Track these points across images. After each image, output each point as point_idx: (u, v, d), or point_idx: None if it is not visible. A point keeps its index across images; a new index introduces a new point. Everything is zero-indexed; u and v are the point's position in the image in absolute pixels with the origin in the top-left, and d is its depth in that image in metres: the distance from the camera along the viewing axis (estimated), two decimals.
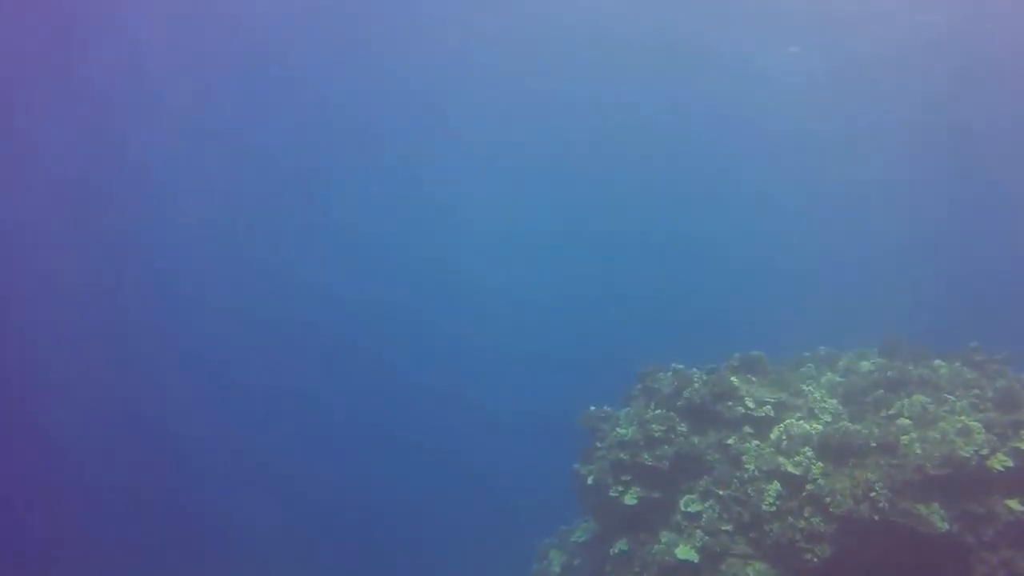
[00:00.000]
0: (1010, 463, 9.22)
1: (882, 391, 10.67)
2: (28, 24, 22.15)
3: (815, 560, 9.10)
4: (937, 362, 11.22)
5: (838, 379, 11.57)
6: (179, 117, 29.04)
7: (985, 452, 9.24)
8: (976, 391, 10.53)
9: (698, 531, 10.24)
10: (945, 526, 8.80)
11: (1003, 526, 9.16)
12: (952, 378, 10.82)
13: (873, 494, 9.00)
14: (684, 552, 10.08)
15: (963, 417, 9.78)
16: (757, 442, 10.55)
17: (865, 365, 11.66)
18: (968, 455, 9.18)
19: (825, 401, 10.96)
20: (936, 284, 28.07)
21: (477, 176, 34.99)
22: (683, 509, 10.56)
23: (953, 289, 28.04)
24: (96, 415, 26.07)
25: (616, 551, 10.98)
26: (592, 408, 12.49)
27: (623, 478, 11.20)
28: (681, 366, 12.04)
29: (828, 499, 9.26)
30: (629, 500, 10.96)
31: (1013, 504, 9.24)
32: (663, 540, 10.46)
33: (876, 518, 8.93)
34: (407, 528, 21.57)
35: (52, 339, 28.22)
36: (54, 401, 26.03)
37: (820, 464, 9.77)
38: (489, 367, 28.91)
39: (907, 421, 9.93)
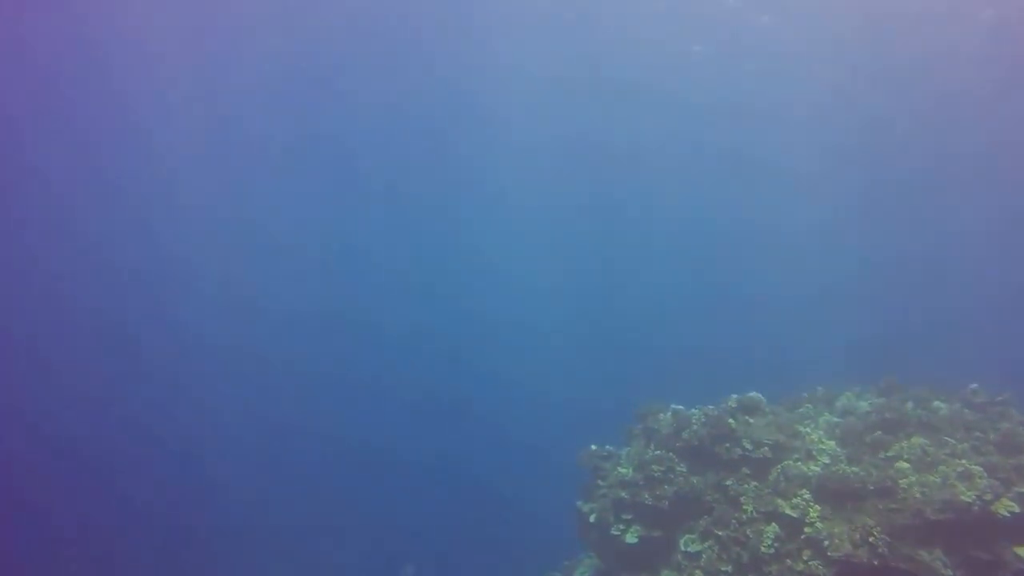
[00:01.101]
0: (1017, 508, 8.55)
1: (880, 433, 10.09)
2: (37, 22, 21.59)
3: None
4: (936, 403, 10.59)
5: (836, 420, 10.98)
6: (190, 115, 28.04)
7: (988, 497, 8.60)
8: (978, 434, 9.87)
9: (698, 571, 9.70)
10: (948, 573, 8.16)
11: (1012, 574, 8.45)
12: (952, 420, 10.19)
13: (872, 539, 8.41)
14: None
15: (964, 461, 9.17)
16: (755, 483, 10.03)
17: (863, 406, 11.08)
18: (970, 500, 8.56)
19: (823, 442, 10.39)
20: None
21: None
22: (683, 548, 10.05)
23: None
24: (100, 415, 25.70)
25: None
26: (594, 447, 12.10)
27: (624, 516, 10.77)
28: (680, 407, 11.60)
29: (826, 543, 8.68)
30: (630, 539, 10.53)
31: (1021, 551, 8.54)
32: None
33: (875, 563, 8.31)
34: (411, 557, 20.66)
35: (55, 340, 27.86)
36: (56, 402, 25.72)
37: (818, 507, 9.19)
38: (514, 393, 27.84)
39: (906, 464, 9.33)
